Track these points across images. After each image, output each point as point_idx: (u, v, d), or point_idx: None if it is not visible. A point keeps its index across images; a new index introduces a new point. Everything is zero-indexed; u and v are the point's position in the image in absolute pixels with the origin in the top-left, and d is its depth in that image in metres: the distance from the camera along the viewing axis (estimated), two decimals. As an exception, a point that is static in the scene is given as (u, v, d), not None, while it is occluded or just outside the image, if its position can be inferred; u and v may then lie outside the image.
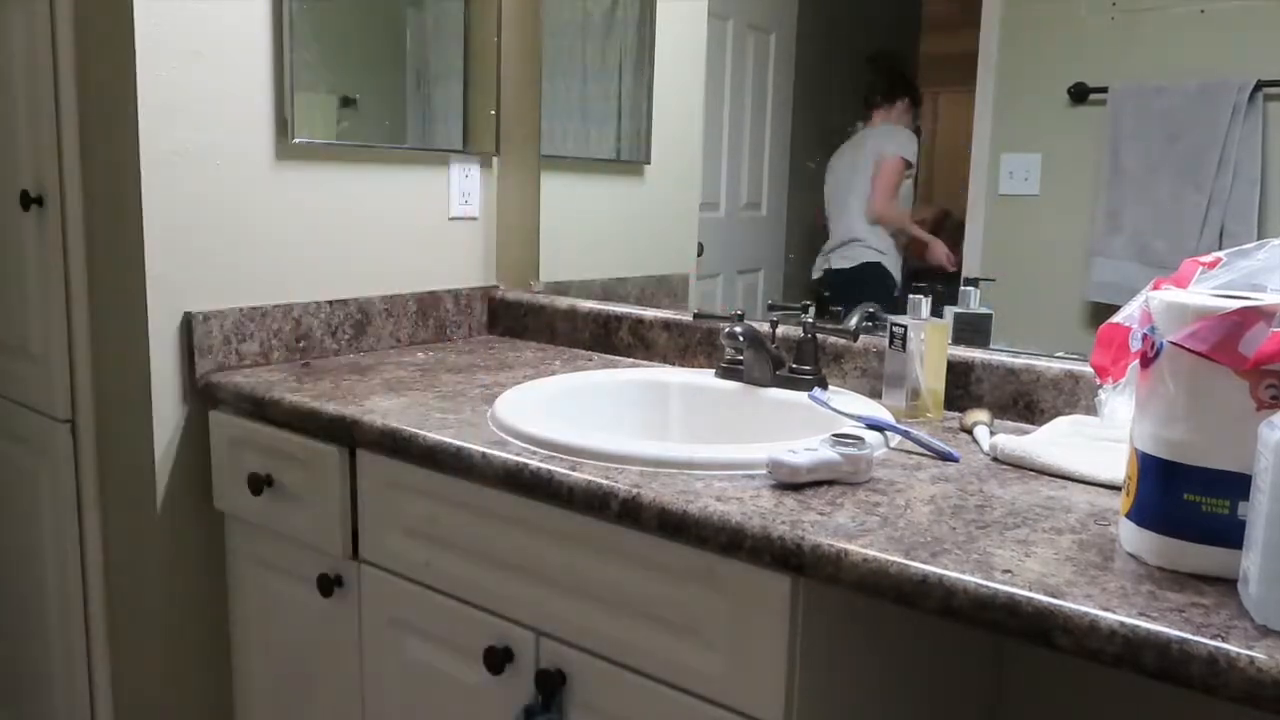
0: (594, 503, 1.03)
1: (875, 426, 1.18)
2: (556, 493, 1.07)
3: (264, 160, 1.58)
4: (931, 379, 1.31)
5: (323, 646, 1.41)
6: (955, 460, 1.13)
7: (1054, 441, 1.14)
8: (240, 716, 1.57)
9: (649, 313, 1.71)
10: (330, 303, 1.67)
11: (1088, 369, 1.27)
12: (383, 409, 1.31)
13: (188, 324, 1.50)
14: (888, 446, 1.17)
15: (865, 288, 1.69)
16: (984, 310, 1.44)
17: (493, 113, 1.90)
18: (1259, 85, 1.25)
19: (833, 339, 1.47)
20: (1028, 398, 1.31)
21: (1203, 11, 1.29)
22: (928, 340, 1.30)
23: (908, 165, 1.63)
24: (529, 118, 1.91)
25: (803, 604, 0.93)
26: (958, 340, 1.41)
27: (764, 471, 1.05)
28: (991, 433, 1.20)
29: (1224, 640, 0.70)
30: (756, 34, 1.80)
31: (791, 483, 1.02)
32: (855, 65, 1.69)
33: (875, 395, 1.39)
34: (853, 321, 1.39)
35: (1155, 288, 0.89)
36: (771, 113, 1.79)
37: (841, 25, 1.72)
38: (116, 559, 1.61)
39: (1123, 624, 0.73)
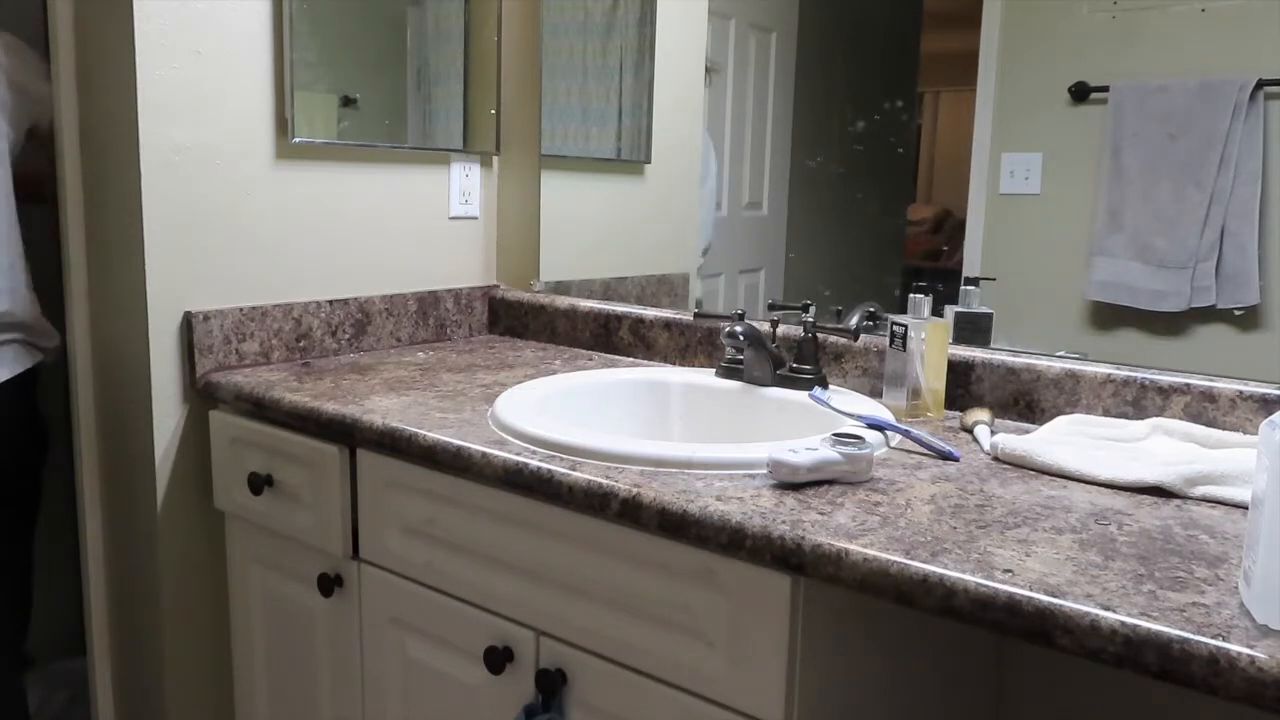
0: (594, 502, 1.03)
1: (876, 426, 1.18)
2: (556, 492, 1.07)
3: (264, 160, 1.57)
4: (932, 378, 1.31)
5: (323, 646, 1.41)
6: (956, 460, 1.13)
7: (1054, 441, 1.14)
8: (241, 716, 1.57)
9: (649, 312, 1.71)
10: (330, 302, 1.67)
11: (1088, 368, 1.27)
12: (383, 408, 1.31)
13: (188, 324, 1.50)
14: (888, 446, 1.17)
15: None
16: (984, 309, 1.44)
17: (493, 112, 1.90)
18: (1260, 84, 1.25)
19: (833, 338, 1.46)
20: (1028, 397, 1.31)
21: (1204, 10, 1.28)
22: (928, 339, 1.30)
23: None
24: (529, 117, 1.91)
25: (803, 604, 0.93)
26: (958, 339, 1.41)
27: (764, 471, 1.04)
28: (992, 432, 1.20)
29: (1225, 640, 0.69)
30: (758, 33, 1.80)
31: (792, 482, 1.02)
32: (857, 64, 1.69)
33: (876, 395, 1.39)
34: (853, 321, 1.39)
35: None
36: (773, 112, 1.79)
37: (843, 24, 1.72)
38: (117, 559, 1.61)
39: (1124, 623, 0.73)
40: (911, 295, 1.32)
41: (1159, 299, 1.34)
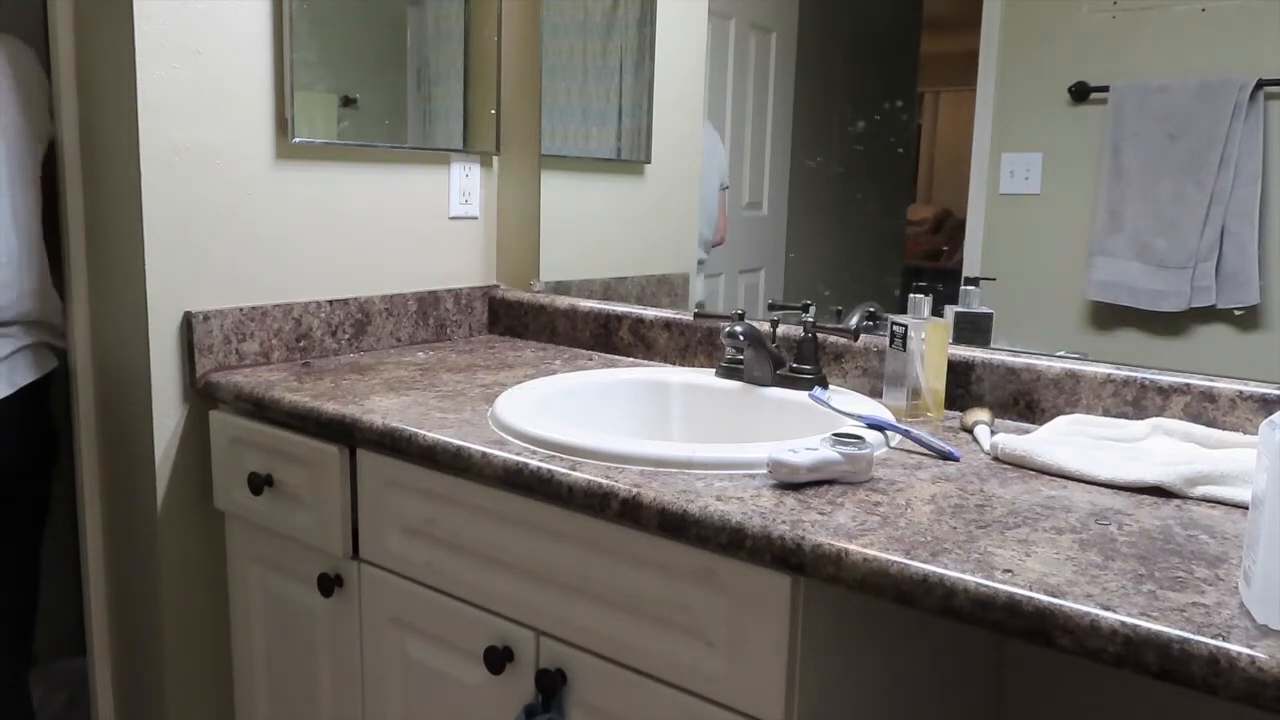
0: (594, 502, 1.03)
1: (876, 426, 1.18)
2: (556, 492, 1.07)
3: (264, 160, 1.58)
4: (932, 378, 1.31)
5: (323, 646, 1.41)
6: (956, 459, 1.13)
7: (1054, 441, 1.14)
8: (241, 716, 1.57)
9: (649, 312, 1.71)
10: (330, 302, 1.67)
11: (1088, 368, 1.27)
12: (383, 408, 1.31)
13: (188, 324, 1.50)
14: (888, 446, 1.17)
15: None
16: (984, 309, 1.44)
17: (493, 112, 1.90)
18: (1260, 84, 1.25)
19: (833, 338, 1.46)
20: (1028, 397, 1.31)
21: (1204, 10, 1.28)
22: (928, 339, 1.30)
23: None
24: (529, 117, 1.91)
25: (803, 604, 0.93)
26: (958, 339, 1.41)
27: (764, 471, 1.04)
28: (992, 432, 1.20)
29: (1225, 640, 0.69)
30: (758, 33, 1.80)
31: (792, 482, 1.02)
32: (857, 64, 1.69)
33: (876, 395, 1.39)
34: (853, 321, 1.39)
35: None
36: (773, 112, 1.79)
37: (843, 24, 1.72)
38: (117, 559, 1.61)
39: (1124, 623, 0.73)
40: (911, 295, 1.32)
41: (1159, 299, 1.34)
